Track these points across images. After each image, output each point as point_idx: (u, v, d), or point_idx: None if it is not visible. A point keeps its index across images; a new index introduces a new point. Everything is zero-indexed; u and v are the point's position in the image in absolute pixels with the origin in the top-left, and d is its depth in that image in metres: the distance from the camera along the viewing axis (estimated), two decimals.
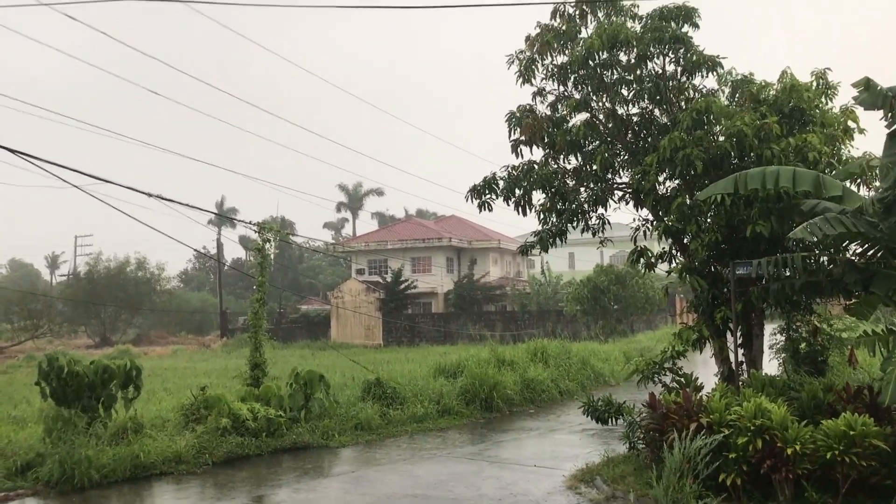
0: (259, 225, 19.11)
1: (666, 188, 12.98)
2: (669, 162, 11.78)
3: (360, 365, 20.87)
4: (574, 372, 23.30)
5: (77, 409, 13.03)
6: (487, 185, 13.73)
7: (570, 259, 69.75)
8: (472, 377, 19.29)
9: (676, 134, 11.74)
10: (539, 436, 16.08)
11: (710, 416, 9.44)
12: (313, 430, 15.32)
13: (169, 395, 19.53)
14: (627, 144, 13.55)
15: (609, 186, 13.61)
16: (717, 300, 12.38)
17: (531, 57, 13.55)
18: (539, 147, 13.67)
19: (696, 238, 11.85)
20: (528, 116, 13.65)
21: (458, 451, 14.50)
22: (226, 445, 13.84)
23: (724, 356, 12.81)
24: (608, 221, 14.02)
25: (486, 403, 18.84)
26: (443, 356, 24.58)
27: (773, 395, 10.42)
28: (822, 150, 11.59)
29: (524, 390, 20.40)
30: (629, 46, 12.89)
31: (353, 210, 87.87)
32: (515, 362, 21.83)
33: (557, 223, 13.66)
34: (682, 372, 12.66)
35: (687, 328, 12.89)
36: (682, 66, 13.03)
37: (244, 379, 17.52)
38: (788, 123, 12.26)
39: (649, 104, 13.31)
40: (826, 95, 12.80)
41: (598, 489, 10.71)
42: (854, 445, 8.53)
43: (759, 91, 12.83)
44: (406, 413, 17.30)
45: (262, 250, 18.48)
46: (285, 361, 27.63)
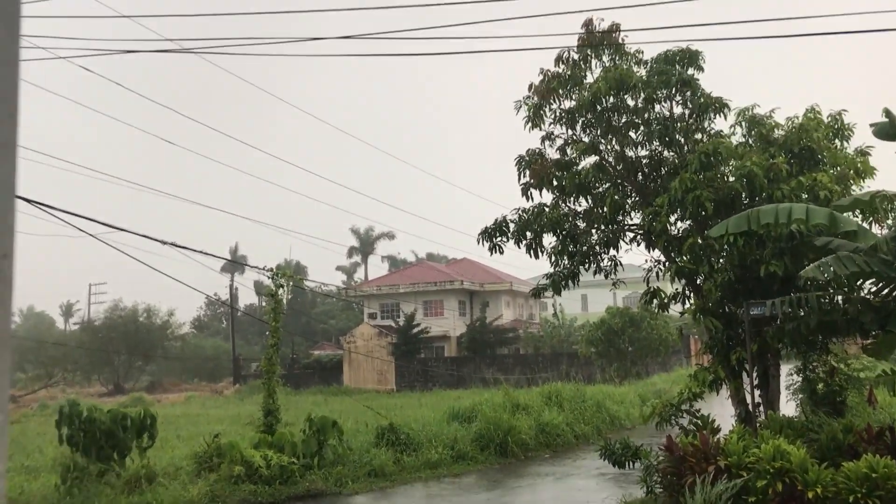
0: (272, 270, 19.20)
1: (677, 229, 13.00)
2: (680, 203, 11.81)
3: (374, 410, 20.75)
4: (589, 415, 23.07)
5: (92, 457, 13.00)
6: (498, 227, 13.79)
7: (584, 301, 69.54)
8: (486, 422, 19.13)
9: (687, 175, 11.79)
10: (555, 481, 15.88)
11: (728, 458, 9.32)
12: (327, 477, 15.20)
13: (182, 442, 19.45)
14: (637, 186, 13.60)
15: (620, 228, 13.64)
16: (732, 341, 12.30)
17: (538, 102, 13.69)
18: (549, 190, 13.75)
19: (709, 278, 11.82)
20: (537, 160, 13.75)
21: (473, 497, 14.32)
22: (239, 493, 13.74)
23: (740, 397, 12.68)
24: (620, 263, 14.02)
25: (501, 448, 18.65)
26: (456, 400, 24.40)
27: (792, 436, 10.28)
28: (833, 189, 11.61)
29: (539, 435, 20.20)
30: (636, 90, 13.01)
31: (365, 254, 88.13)
32: (530, 406, 21.65)
33: (569, 265, 13.67)
34: (700, 414, 12.53)
35: (703, 369, 12.79)
36: (690, 108, 13.13)
37: (257, 426, 17.45)
38: (799, 163, 12.30)
39: (658, 146, 13.39)
40: (840, 136, 12.85)
41: None
42: (877, 488, 8.38)
43: (769, 131, 12.90)
44: (420, 459, 17.14)
45: (275, 296, 18.54)
46: (298, 407, 27.49)
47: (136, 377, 59.55)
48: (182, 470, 14.54)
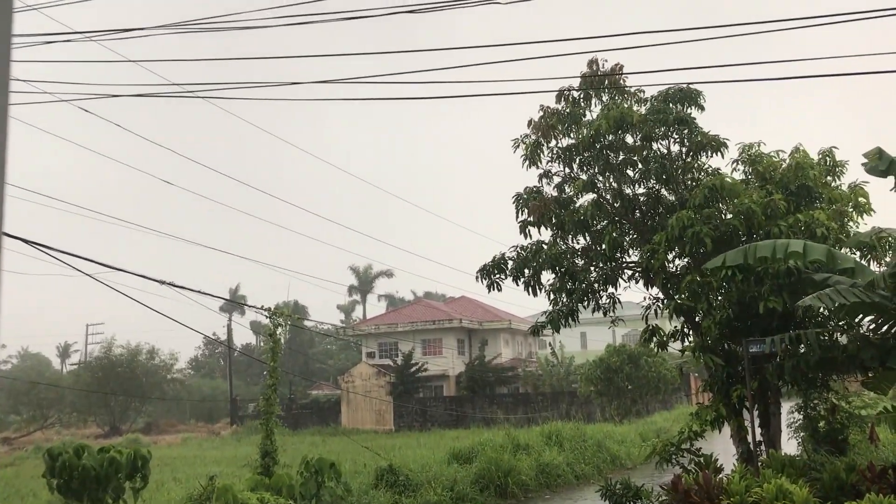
0: (270, 310, 19.13)
1: (675, 266, 13.00)
2: (678, 240, 11.83)
3: (372, 451, 20.56)
4: (590, 455, 22.86)
5: (84, 502, 12.82)
6: (496, 265, 13.79)
7: (583, 339, 69.28)
8: (486, 462, 18.93)
9: (685, 213, 11.82)
10: None
11: (731, 498, 9.22)
12: None
13: (178, 484, 19.21)
14: (635, 223, 13.64)
15: (618, 265, 13.64)
16: (733, 378, 12.24)
17: (536, 140, 13.77)
18: (547, 228, 13.77)
19: (708, 316, 11.80)
20: (535, 198, 13.79)
21: None
22: None
23: (741, 436, 12.58)
24: (619, 300, 13.99)
25: (501, 489, 18.43)
26: (455, 441, 24.19)
27: (794, 475, 10.18)
28: (831, 226, 11.64)
29: (539, 475, 19.98)
30: (635, 128, 13.10)
31: (364, 293, 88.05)
32: (530, 446, 21.46)
33: (568, 303, 13.64)
34: (701, 452, 12.41)
35: (704, 408, 12.71)
36: (688, 146, 13.21)
37: (254, 467, 17.23)
38: (796, 200, 12.35)
39: (656, 184, 13.45)
40: (833, 173, 12.94)
41: None
42: None
43: (765, 169, 12.98)
44: (419, 501, 16.92)
45: (273, 335, 18.45)
46: (295, 448, 27.21)
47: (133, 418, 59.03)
48: None
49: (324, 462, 16.20)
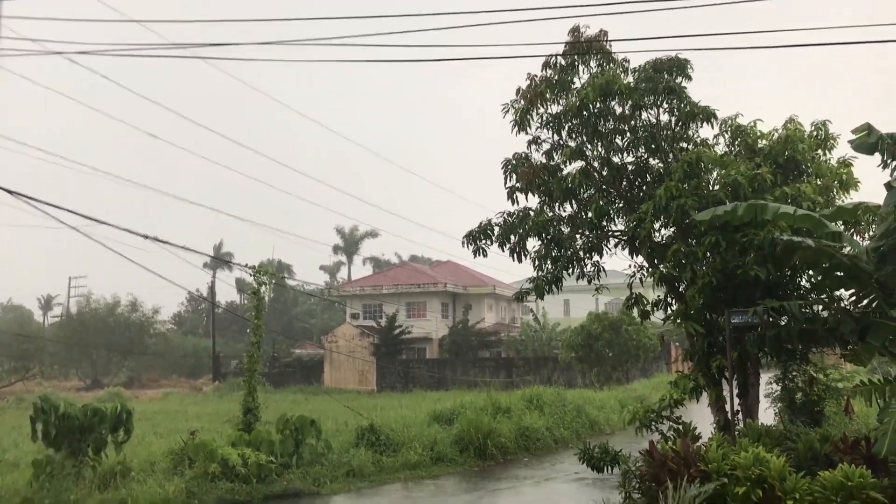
0: (254, 268, 19.09)
1: (661, 236, 13.04)
2: (665, 210, 11.85)
3: (354, 410, 20.70)
4: (569, 420, 23.13)
5: (66, 452, 12.87)
6: (483, 231, 13.78)
7: (566, 306, 69.65)
8: (467, 424, 19.12)
9: (672, 183, 11.83)
10: (534, 484, 15.90)
11: (708, 465, 9.35)
12: (305, 477, 15.13)
13: (159, 438, 19.30)
14: (622, 192, 13.64)
15: (604, 234, 13.67)
16: (713, 348, 12.36)
17: (525, 106, 13.70)
18: (534, 194, 13.75)
19: (692, 285, 11.86)
20: (523, 164, 13.75)
21: (451, 499, 14.30)
22: (216, 491, 13.65)
23: (720, 405, 12.74)
24: (603, 268, 14.04)
25: (481, 451, 18.65)
26: (437, 402, 24.38)
27: (770, 445, 10.33)
28: (817, 200, 11.69)
29: (519, 438, 20.21)
30: (623, 97, 13.04)
31: (349, 254, 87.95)
32: (511, 410, 21.68)
33: (553, 270, 13.67)
34: (680, 420, 12.57)
35: (683, 376, 12.84)
36: (677, 116, 13.18)
37: (236, 424, 17.34)
38: (783, 173, 12.38)
39: (644, 153, 13.43)
40: (824, 147, 12.94)
41: None
42: (851, 497, 8.44)
43: (754, 141, 12.97)
44: (399, 460, 17.11)
45: (257, 293, 18.45)
46: (277, 406, 27.37)
47: (115, 372, 59.04)
48: (158, 467, 14.43)
49: (304, 420, 16.33)
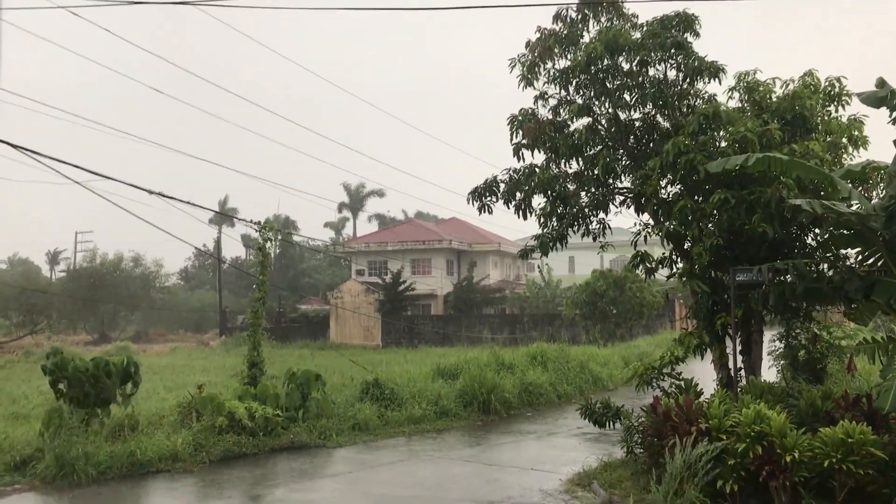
0: (260, 224, 19.10)
1: (668, 193, 12.97)
2: (672, 167, 11.77)
3: (359, 365, 20.86)
4: (572, 376, 23.28)
5: (75, 405, 13.03)
6: (488, 187, 13.72)
7: (571, 263, 69.71)
8: (470, 380, 19.27)
9: (680, 139, 11.74)
10: (537, 439, 16.07)
11: (710, 421, 9.42)
12: (311, 430, 15.31)
13: (167, 392, 19.53)
14: (629, 149, 13.54)
15: (610, 191, 13.60)
16: (717, 306, 12.37)
17: (533, 61, 13.54)
18: (541, 151, 13.66)
19: (698, 243, 11.84)
20: (529, 120, 13.63)
21: (455, 453, 14.48)
22: (223, 444, 13.83)
23: (723, 362, 12.80)
24: (609, 226, 14.00)
25: (484, 406, 18.82)
26: (441, 358, 24.55)
27: (772, 402, 10.40)
28: (825, 158, 11.59)
29: (522, 394, 20.38)
30: (630, 52, 12.89)
31: (354, 210, 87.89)
32: (514, 365, 21.82)
33: (558, 227, 13.63)
34: (682, 377, 12.65)
35: (687, 334, 12.88)
36: (684, 72, 13.03)
37: (241, 378, 17.51)
38: (791, 130, 12.27)
39: (651, 109, 13.30)
40: (837, 102, 12.78)
41: (595, 493, 10.70)
42: (852, 454, 8.51)
43: (762, 97, 12.83)
44: (404, 414, 17.29)
45: (263, 249, 18.47)
46: (283, 361, 27.61)
47: (122, 327, 59.56)
48: (166, 420, 14.61)
49: (309, 374, 16.47)
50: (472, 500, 10.61)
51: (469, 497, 10.81)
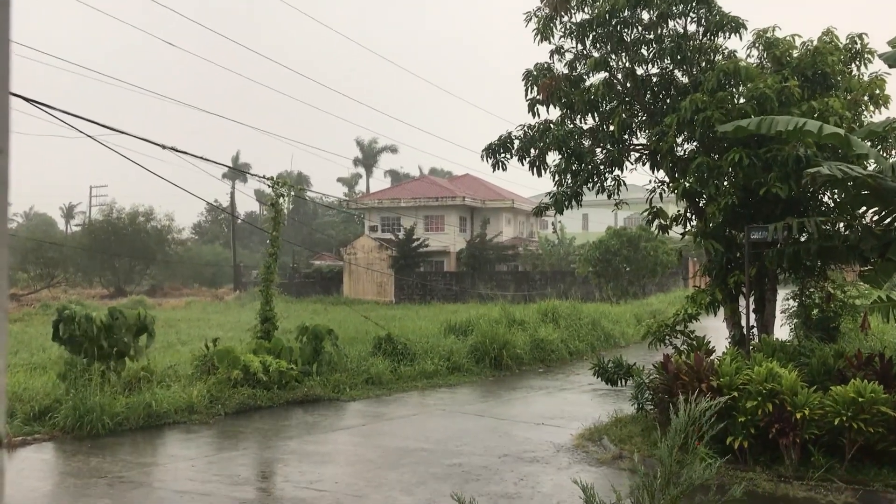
0: (273, 179, 19.09)
1: (684, 150, 12.85)
2: (689, 124, 11.64)
3: (372, 321, 20.99)
4: (584, 333, 23.36)
5: (90, 357, 13.19)
6: (503, 144, 13.61)
7: (584, 220, 69.51)
8: (482, 335, 19.38)
9: (698, 95, 11.58)
10: (547, 394, 16.19)
11: (721, 379, 9.46)
12: (324, 384, 15.48)
13: (183, 345, 19.74)
14: (646, 105, 13.38)
15: (626, 147, 13.48)
16: (731, 264, 12.33)
17: (549, 14, 13.33)
18: (556, 106, 13.51)
19: (713, 201, 11.75)
20: (545, 75, 13.47)
21: (467, 407, 14.62)
22: (238, 397, 14.01)
23: (735, 320, 12.79)
24: (624, 183, 13.90)
25: (496, 362, 18.95)
26: (453, 314, 24.66)
27: (784, 360, 10.42)
28: (844, 115, 11.42)
29: (534, 350, 20.49)
30: (651, 5, 12.65)
31: (368, 166, 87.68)
32: (526, 322, 21.90)
33: (572, 184, 13.55)
34: (694, 335, 12.66)
35: (700, 291, 12.86)
36: (704, 26, 12.80)
37: (255, 332, 17.67)
38: (811, 87, 12.07)
39: (669, 64, 13.10)
40: (860, 60, 12.55)
41: (605, 448, 10.80)
42: (862, 412, 8.54)
43: (782, 54, 12.62)
44: (416, 369, 17.44)
45: (276, 205, 18.48)
46: (297, 316, 27.81)
47: (138, 281, 59.97)
48: (181, 372, 14.79)
49: (321, 328, 16.60)
50: (484, 454, 10.74)
51: (481, 450, 10.94)
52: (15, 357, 16.93)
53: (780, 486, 8.72)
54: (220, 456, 10.96)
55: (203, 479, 9.50)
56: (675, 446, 8.74)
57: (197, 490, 8.95)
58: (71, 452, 11.07)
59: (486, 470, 9.82)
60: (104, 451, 11.05)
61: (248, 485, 9.39)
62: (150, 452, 11.45)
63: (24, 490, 8.90)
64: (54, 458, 11.04)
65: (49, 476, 10.03)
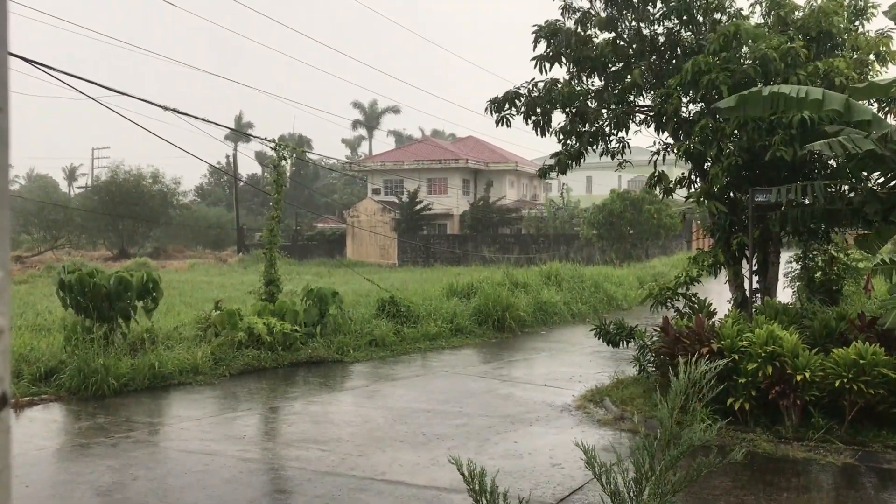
0: (275, 141, 19.00)
1: (688, 111, 12.75)
2: (693, 85, 11.53)
3: (375, 284, 21.04)
4: (587, 296, 23.43)
5: (95, 319, 13.25)
6: (508, 99, 13.46)
7: (588, 183, 69.31)
8: (485, 298, 19.44)
9: (702, 57, 11.45)
10: (550, 356, 16.28)
11: (722, 341, 9.49)
12: (328, 346, 15.57)
13: (187, 307, 19.81)
14: (651, 66, 13.25)
15: (631, 108, 13.37)
16: (735, 226, 12.30)
17: None
18: (562, 64, 13.36)
19: (717, 163, 11.69)
20: (555, 31, 13.30)
21: (470, 369, 14.72)
22: (242, 358, 14.10)
23: (738, 283, 12.80)
24: (628, 145, 13.82)
25: (499, 324, 19.04)
26: (457, 277, 24.72)
27: (786, 322, 10.44)
28: (850, 76, 11.30)
29: (537, 312, 20.56)
30: None
31: (370, 129, 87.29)
32: (529, 285, 21.96)
33: (576, 145, 13.47)
34: (696, 297, 12.68)
35: (703, 253, 12.85)
36: None
37: (259, 294, 17.72)
38: (816, 47, 11.94)
39: (677, 24, 12.94)
40: (864, 17, 12.40)
41: (607, 410, 10.88)
42: (863, 374, 8.58)
43: (787, 14, 12.45)
44: (419, 331, 17.52)
45: (278, 167, 18.42)
46: (301, 278, 27.90)
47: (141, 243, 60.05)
48: (186, 334, 14.86)
49: (326, 291, 16.65)
50: (487, 414, 10.83)
51: (484, 411, 11.03)
52: (20, 318, 17.02)
53: (779, 447, 8.79)
54: (225, 416, 11.06)
55: (208, 438, 9.60)
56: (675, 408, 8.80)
57: (202, 449, 9.05)
58: (76, 413, 11.18)
59: (488, 430, 9.91)
60: (109, 411, 11.16)
61: (253, 444, 9.49)
62: (156, 413, 11.56)
63: (31, 448, 9.01)
64: (60, 419, 11.15)
65: (55, 436, 10.13)
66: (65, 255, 50.02)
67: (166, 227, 59.37)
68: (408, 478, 7.95)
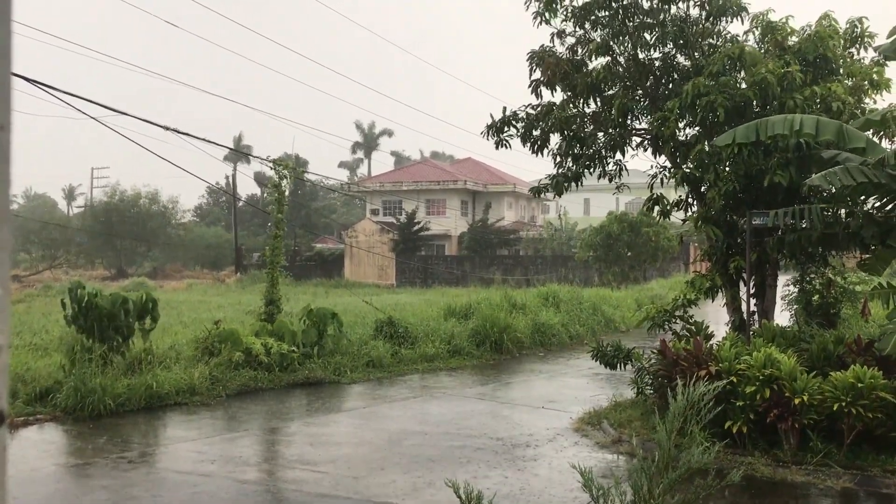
0: (275, 161, 19.05)
1: (686, 135, 12.82)
2: (691, 108, 11.61)
3: (372, 306, 21.02)
4: (585, 317, 23.40)
5: (95, 339, 13.23)
6: (506, 122, 13.55)
7: (586, 205, 69.44)
8: (483, 319, 19.42)
9: (701, 80, 11.54)
10: (548, 378, 16.25)
11: (720, 364, 9.49)
12: (326, 366, 15.53)
13: (184, 327, 19.76)
14: (647, 90, 13.35)
15: (627, 132, 13.45)
16: (732, 250, 12.33)
17: None
18: (559, 89, 13.47)
19: (714, 186, 11.74)
20: (548, 57, 13.42)
21: (467, 390, 14.68)
22: (239, 379, 14.06)
23: (735, 305, 12.81)
24: (625, 167, 13.89)
25: (497, 345, 19.00)
26: (455, 298, 24.70)
27: (784, 345, 10.45)
28: (847, 101, 11.39)
29: (534, 334, 20.53)
30: None
31: (368, 150, 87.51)
32: (527, 306, 21.94)
33: (573, 167, 13.54)
34: (694, 320, 12.69)
35: (700, 276, 12.88)
36: (707, 10, 12.75)
37: (258, 314, 17.68)
38: (813, 72, 12.04)
39: (672, 49, 13.06)
40: (860, 44, 12.51)
41: (605, 432, 10.84)
42: (861, 397, 8.57)
43: (784, 38, 12.57)
44: (417, 352, 17.49)
45: (278, 187, 18.44)
46: (298, 298, 27.82)
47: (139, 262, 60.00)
48: (183, 354, 14.82)
49: (325, 311, 16.64)
50: (485, 436, 10.79)
51: (481, 433, 10.99)
52: (17, 338, 16.96)
53: (778, 471, 8.77)
54: (221, 437, 11.02)
55: (204, 459, 9.56)
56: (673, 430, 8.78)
57: (198, 471, 9.01)
58: (72, 433, 11.13)
59: (485, 453, 9.87)
60: (105, 431, 11.11)
61: (249, 466, 9.45)
62: (151, 433, 11.51)
63: (26, 470, 8.96)
64: (56, 439, 11.10)
65: (51, 456, 10.08)
66: (62, 274, 49.96)
67: (164, 247, 59.36)
68: (404, 500, 7.91)
